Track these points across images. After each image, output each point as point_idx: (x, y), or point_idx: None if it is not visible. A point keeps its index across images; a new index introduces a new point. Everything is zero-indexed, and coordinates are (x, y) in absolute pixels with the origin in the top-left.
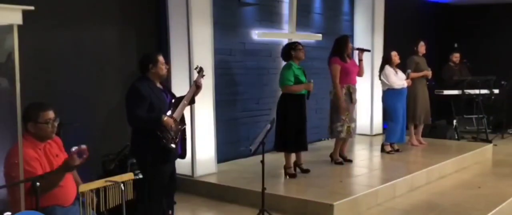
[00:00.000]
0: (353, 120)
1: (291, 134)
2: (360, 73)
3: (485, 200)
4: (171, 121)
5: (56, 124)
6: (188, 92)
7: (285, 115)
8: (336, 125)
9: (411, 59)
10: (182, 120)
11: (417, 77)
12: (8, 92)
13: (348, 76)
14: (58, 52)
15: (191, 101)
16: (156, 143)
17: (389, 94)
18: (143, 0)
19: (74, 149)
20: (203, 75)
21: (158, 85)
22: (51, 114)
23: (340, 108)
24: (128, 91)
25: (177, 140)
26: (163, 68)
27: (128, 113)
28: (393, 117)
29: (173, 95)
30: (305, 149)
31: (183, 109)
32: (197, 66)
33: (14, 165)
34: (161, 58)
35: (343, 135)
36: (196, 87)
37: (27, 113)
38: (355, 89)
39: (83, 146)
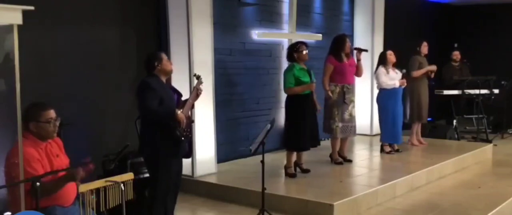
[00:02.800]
0: (347, 120)
1: (301, 133)
2: (358, 73)
3: (485, 200)
4: (183, 116)
5: (57, 123)
6: (191, 95)
7: (291, 115)
8: (329, 122)
9: (414, 59)
10: (190, 117)
11: (422, 74)
12: (8, 92)
13: (343, 76)
14: (58, 52)
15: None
16: (167, 137)
17: (381, 94)
18: (143, 0)
19: (82, 162)
20: (202, 82)
21: (165, 82)
22: (52, 113)
23: (325, 104)
24: (138, 86)
25: (188, 134)
26: (168, 65)
27: (141, 106)
28: (386, 118)
29: (179, 94)
30: (307, 148)
31: (189, 107)
32: (195, 74)
33: (15, 165)
34: (164, 56)
35: (335, 133)
36: (196, 94)
37: (28, 112)
38: (350, 90)
39: (87, 159)
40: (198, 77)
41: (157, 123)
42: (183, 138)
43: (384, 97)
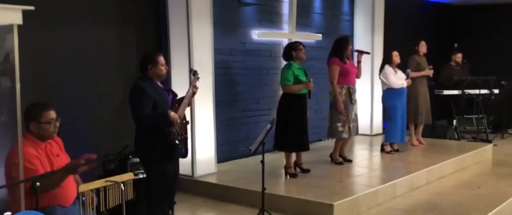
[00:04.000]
0: (353, 120)
1: (291, 133)
2: (358, 75)
3: (485, 200)
4: (177, 116)
5: (58, 124)
6: (188, 93)
7: (286, 114)
8: (336, 125)
9: (412, 59)
10: (185, 118)
11: (418, 76)
12: (8, 92)
13: (348, 77)
14: (58, 52)
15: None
16: (162, 141)
17: (388, 94)
18: (143, 0)
19: (84, 155)
20: (198, 78)
21: (159, 84)
22: (53, 114)
23: (338, 109)
24: (131, 90)
25: (182, 137)
26: (162, 69)
27: (133, 112)
28: (392, 117)
29: (174, 94)
30: (306, 149)
31: (185, 107)
32: (192, 69)
33: (15, 165)
34: (161, 59)
35: (345, 135)
36: (192, 91)
37: (29, 112)
38: (355, 90)
39: (94, 156)
40: (194, 73)
41: (151, 127)
42: (177, 142)
43: (392, 97)
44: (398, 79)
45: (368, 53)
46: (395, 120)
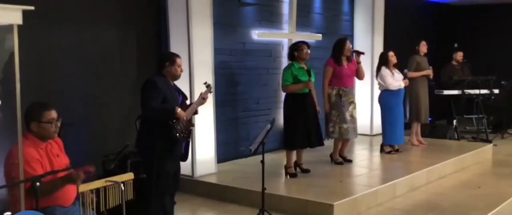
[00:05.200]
0: (349, 121)
1: (296, 131)
2: (359, 76)
3: (485, 200)
4: (183, 113)
5: (59, 124)
6: (196, 101)
7: (289, 113)
8: (329, 125)
9: (412, 59)
10: (191, 121)
11: (418, 76)
12: (8, 92)
13: (340, 79)
14: (58, 52)
15: (194, 112)
16: (164, 135)
17: (385, 96)
18: (143, 0)
19: (83, 168)
20: (211, 91)
21: (172, 84)
22: (54, 114)
23: (325, 108)
24: (144, 83)
25: (185, 135)
26: (178, 70)
27: (143, 103)
28: (390, 119)
29: (184, 96)
30: (312, 146)
31: (192, 111)
32: (206, 82)
33: (15, 165)
34: (179, 61)
35: (335, 135)
36: (202, 99)
37: (30, 112)
38: (346, 92)
39: (92, 168)
40: (208, 86)
41: (156, 121)
42: (177, 135)
43: (388, 98)
44: (395, 81)
45: (362, 53)
46: (393, 121)
